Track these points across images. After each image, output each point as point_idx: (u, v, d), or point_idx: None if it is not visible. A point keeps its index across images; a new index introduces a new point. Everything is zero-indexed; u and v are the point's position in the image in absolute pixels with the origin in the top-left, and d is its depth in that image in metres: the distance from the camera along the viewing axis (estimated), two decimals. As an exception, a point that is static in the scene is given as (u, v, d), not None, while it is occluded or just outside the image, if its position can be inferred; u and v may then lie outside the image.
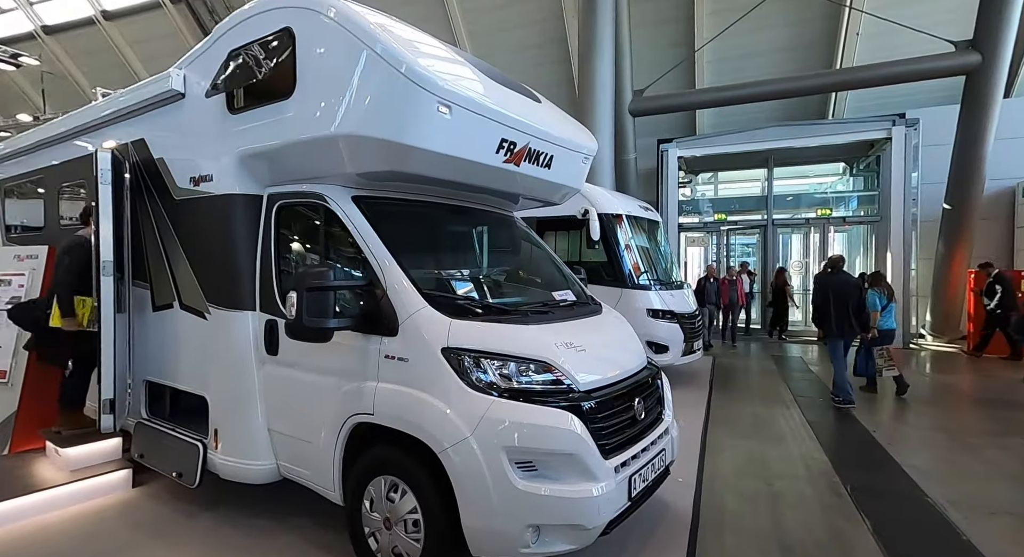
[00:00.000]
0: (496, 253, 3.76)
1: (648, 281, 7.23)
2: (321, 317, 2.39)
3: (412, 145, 2.52)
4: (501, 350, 2.49)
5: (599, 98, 10.08)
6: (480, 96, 2.75)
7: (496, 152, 2.95)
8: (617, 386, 2.80)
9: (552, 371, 2.54)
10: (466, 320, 2.56)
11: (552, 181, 3.54)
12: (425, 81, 2.46)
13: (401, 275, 2.60)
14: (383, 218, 2.91)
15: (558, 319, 3.03)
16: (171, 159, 3.43)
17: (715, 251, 13.91)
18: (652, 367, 3.38)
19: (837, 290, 6.29)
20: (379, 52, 2.42)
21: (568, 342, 2.72)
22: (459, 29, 14.39)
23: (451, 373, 2.40)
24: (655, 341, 6.90)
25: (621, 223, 7.26)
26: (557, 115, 3.70)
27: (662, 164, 12.58)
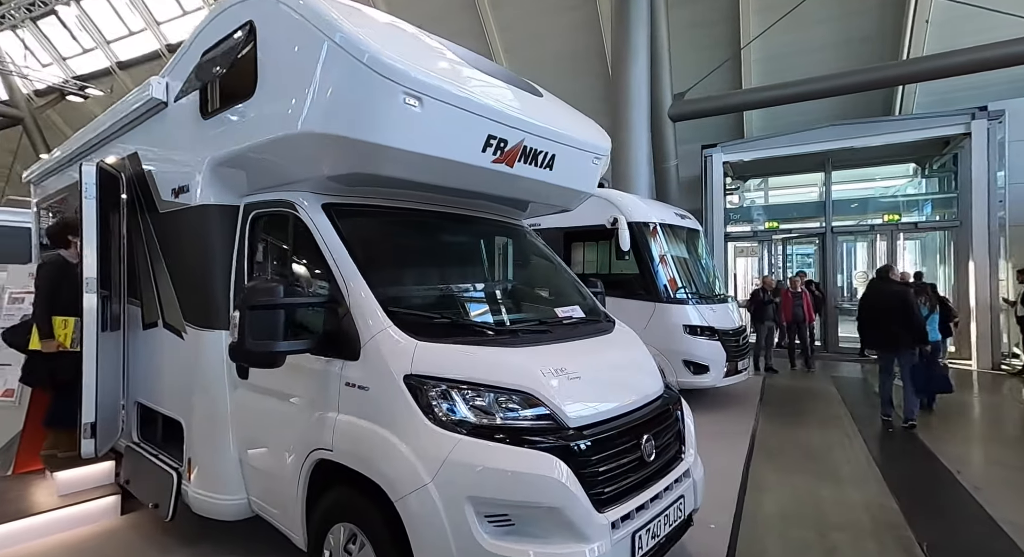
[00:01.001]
0: (494, 266, 3.41)
1: (685, 294, 6.65)
2: (269, 339, 2.11)
3: (375, 142, 2.23)
4: (473, 378, 2.12)
5: (634, 103, 9.62)
6: (459, 87, 2.43)
7: (483, 151, 2.61)
8: (619, 421, 2.36)
9: (535, 404, 2.15)
10: (436, 342, 2.21)
11: (556, 184, 3.15)
12: (389, 70, 2.16)
13: (365, 290, 2.29)
14: (357, 227, 2.63)
15: (554, 340, 2.63)
16: (157, 171, 3.33)
17: (767, 261, 12.96)
18: (670, 394, 2.90)
19: (879, 300, 5.99)
20: (339, 41, 2.15)
21: (560, 368, 2.32)
22: (495, 42, 14.31)
23: (412, 405, 2.05)
24: (693, 360, 6.30)
25: (654, 232, 6.74)
26: (561, 111, 3.32)
27: (706, 170, 11.88)
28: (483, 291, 3.10)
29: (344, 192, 2.66)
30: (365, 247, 2.56)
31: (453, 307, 2.74)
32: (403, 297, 2.58)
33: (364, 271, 2.35)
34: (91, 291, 3.15)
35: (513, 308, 3.11)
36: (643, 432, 2.45)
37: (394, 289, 2.55)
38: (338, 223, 2.52)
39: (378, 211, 2.77)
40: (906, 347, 5.85)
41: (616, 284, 6.64)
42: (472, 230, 3.28)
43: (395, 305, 2.35)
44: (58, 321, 3.42)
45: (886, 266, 6.38)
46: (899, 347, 5.88)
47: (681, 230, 7.35)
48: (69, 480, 3.48)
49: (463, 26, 14.12)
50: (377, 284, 2.37)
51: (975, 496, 4.01)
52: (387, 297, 2.35)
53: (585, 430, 2.20)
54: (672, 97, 11.64)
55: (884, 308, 5.90)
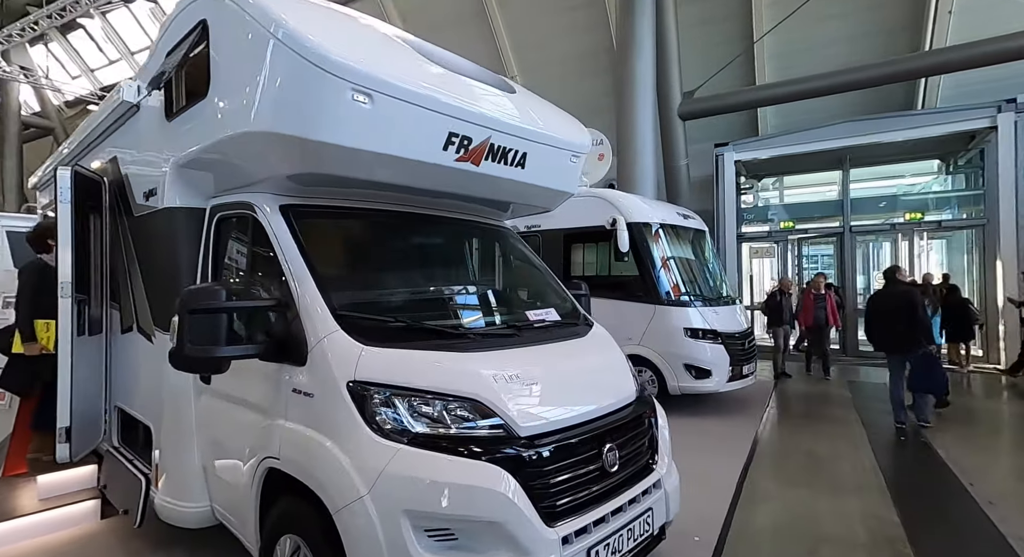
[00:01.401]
0: (467, 268, 3.33)
1: (687, 296, 6.46)
2: (210, 344, 2.06)
3: (323, 140, 2.17)
4: (418, 385, 2.04)
5: (639, 101, 9.46)
6: (415, 83, 2.35)
7: (444, 149, 2.52)
8: (578, 429, 2.25)
9: (484, 412, 2.06)
10: (384, 347, 2.14)
11: (530, 183, 3.06)
12: (335, 66, 2.10)
13: (314, 293, 2.23)
14: (315, 229, 2.58)
15: (518, 344, 2.53)
16: (131, 174, 3.35)
17: (783, 262, 12.59)
18: (644, 402, 2.78)
19: (886, 301, 5.89)
20: (281, 38, 2.10)
21: (516, 374, 2.23)
22: (504, 44, 14.25)
23: (354, 413, 1.98)
24: (695, 364, 6.12)
25: (655, 233, 6.57)
26: (535, 107, 3.23)
27: (718, 170, 11.61)
28: (449, 294, 3.02)
29: (304, 193, 2.61)
30: (321, 249, 2.51)
31: (412, 311, 2.67)
32: (357, 300, 2.51)
33: (317, 274, 2.30)
34: (66, 295, 3.17)
35: (480, 311, 3.03)
36: (605, 441, 2.34)
37: (348, 292, 2.49)
38: (295, 225, 2.47)
39: (339, 212, 2.71)
40: (914, 347, 5.65)
41: (616, 286, 6.53)
42: (443, 231, 3.21)
43: (347, 308, 2.29)
44: (40, 324, 3.46)
45: (893, 267, 6.24)
46: (907, 347, 5.71)
47: (685, 230, 7.17)
48: (51, 484, 3.51)
49: (472, 31, 14.12)
50: (330, 287, 2.31)
51: (987, 511, 3.76)
52: (339, 300, 2.29)
53: (538, 439, 2.10)
54: (682, 95, 11.42)
55: (891, 309, 5.76)
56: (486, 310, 3.06)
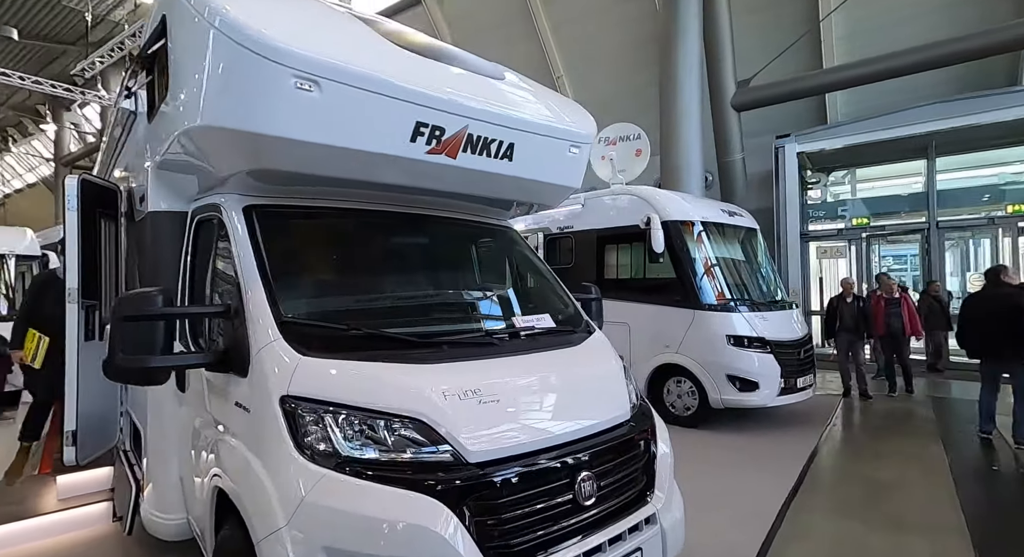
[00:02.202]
0: (451, 271, 3.10)
1: (731, 301, 5.89)
2: (146, 353, 1.96)
3: (268, 134, 2.02)
4: (354, 401, 1.84)
5: (682, 92, 8.91)
6: (371, 67, 2.14)
7: (412, 140, 2.31)
8: (545, 455, 1.97)
9: (428, 433, 1.82)
10: (326, 358, 1.95)
11: (520, 177, 2.78)
12: (275, 52, 1.94)
13: (260, 298, 2.09)
14: (277, 230, 2.44)
15: (492, 354, 2.28)
16: (132, 180, 3.41)
17: (858, 262, 11.42)
18: (640, 422, 2.43)
19: (984, 304, 5.27)
20: (219, 26, 1.98)
21: (475, 389, 1.97)
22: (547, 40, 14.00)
23: (283, 432, 1.80)
24: (739, 375, 5.55)
25: (694, 231, 6.05)
26: (527, 94, 2.96)
27: (778, 163, 10.71)
28: (424, 299, 2.80)
29: (273, 192, 2.49)
30: (285, 252, 2.38)
31: (377, 318, 2.47)
32: (314, 307, 2.36)
33: (268, 278, 2.15)
34: (73, 301, 3.26)
35: (457, 318, 2.78)
36: (581, 468, 2.03)
37: (304, 298, 2.34)
38: (255, 226, 2.35)
39: (308, 213, 2.57)
40: (1017, 359, 4.90)
41: (652, 290, 6.10)
42: (426, 231, 2.99)
43: (297, 316, 2.13)
44: (30, 335, 3.61)
45: (998, 266, 5.49)
46: (1007, 358, 5.00)
47: (731, 229, 6.57)
48: (69, 484, 3.64)
49: (517, 31, 13.99)
50: (284, 292, 2.16)
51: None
52: (291, 307, 2.14)
53: (491, 467, 1.83)
54: (736, 85, 10.66)
55: (989, 312, 5.09)
56: (465, 317, 2.81)
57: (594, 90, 13.93)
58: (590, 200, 6.80)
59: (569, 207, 6.94)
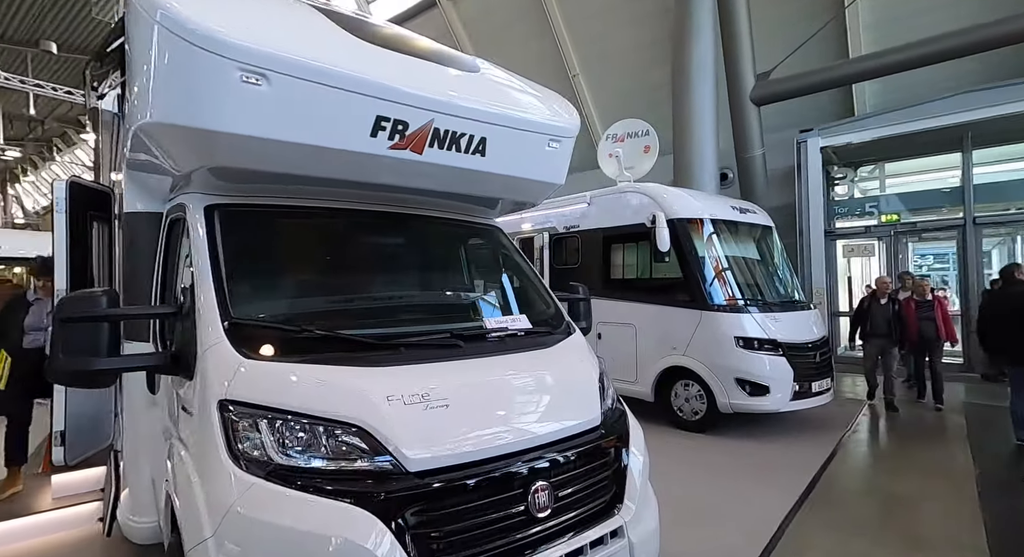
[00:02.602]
0: (421, 270, 3.02)
1: (741, 301, 5.65)
2: (89, 355, 1.93)
3: (212, 129, 1.97)
4: (291, 405, 1.77)
5: (695, 87, 8.64)
6: (324, 59, 2.07)
7: (372, 135, 2.24)
8: (495, 464, 1.86)
9: (367, 440, 1.74)
10: (269, 360, 1.90)
11: (494, 173, 2.68)
12: (218, 44, 1.88)
13: (211, 298, 2.05)
14: (238, 230, 2.41)
15: (452, 356, 2.18)
16: (115, 182, 3.45)
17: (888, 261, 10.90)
18: (610, 428, 2.31)
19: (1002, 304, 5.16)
20: (160, 20, 1.94)
21: (423, 393, 1.88)
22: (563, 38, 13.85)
23: (218, 437, 1.75)
24: (749, 379, 5.31)
25: (702, 229, 5.83)
26: (502, 86, 2.86)
27: (801, 159, 10.30)
28: (391, 300, 2.72)
29: (236, 191, 2.46)
30: (240, 251, 2.33)
31: (335, 319, 2.40)
32: (267, 307, 2.31)
33: (220, 277, 2.11)
34: (61, 301, 3.31)
35: (423, 319, 2.69)
36: (536, 478, 1.92)
37: (258, 298, 2.30)
38: (214, 225, 2.32)
39: (270, 211, 2.52)
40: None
41: (659, 290, 5.92)
42: (397, 230, 2.92)
43: (249, 316, 2.08)
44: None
45: (1012, 264, 5.32)
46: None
47: (743, 227, 6.32)
48: (64, 484, 3.70)
49: (532, 30, 13.88)
50: (236, 292, 2.12)
51: None
52: (242, 308, 2.10)
53: (432, 476, 1.75)
54: (755, 78, 10.29)
55: (1007, 312, 4.91)
56: (433, 318, 2.72)
57: (610, 88, 13.72)
58: (596, 198, 6.65)
59: (575, 206, 6.81)
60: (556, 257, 7.04)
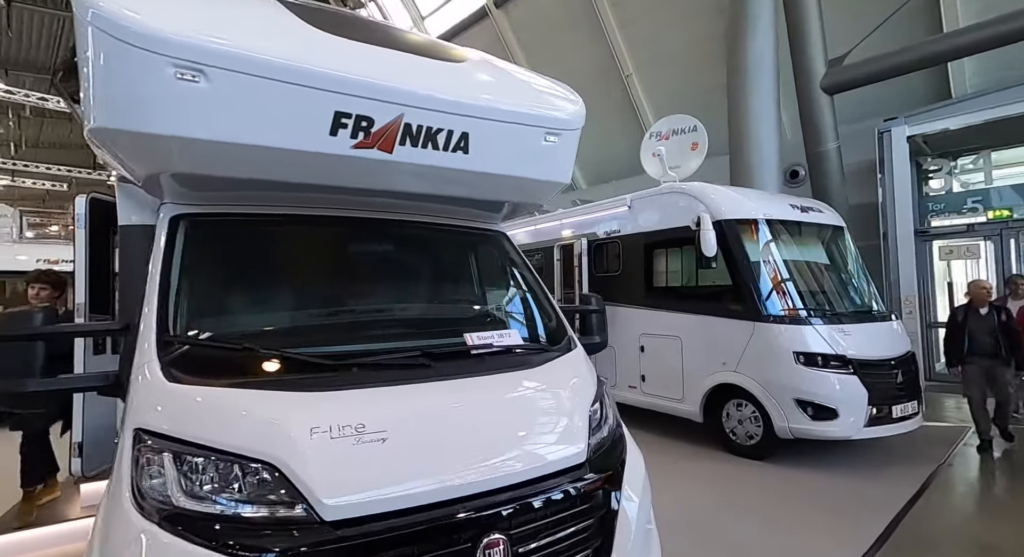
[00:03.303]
0: (410, 282, 2.79)
1: (801, 310, 4.97)
2: (22, 376, 1.81)
3: (151, 132, 1.85)
4: (205, 438, 1.57)
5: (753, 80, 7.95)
6: (270, 51, 1.89)
7: (332, 134, 2.04)
8: (433, 510, 1.57)
9: (279, 481, 1.51)
10: (197, 383, 1.72)
11: (479, 172, 2.42)
12: (148, 40, 1.74)
13: (152, 314, 1.93)
14: (207, 241, 2.31)
15: (409, 379, 1.93)
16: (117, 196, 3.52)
17: (999, 263, 9.43)
18: (599, 463, 1.95)
19: None
20: (91, 20, 1.80)
21: (356, 424, 1.63)
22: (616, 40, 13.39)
23: (126, 473, 1.57)
24: (812, 400, 4.63)
25: (754, 230, 5.22)
26: (486, 76, 2.60)
27: (883, 151, 9.19)
28: (360, 315, 2.49)
29: (205, 200, 2.36)
30: (200, 264, 2.23)
31: (285, 336, 2.19)
32: (218, 325, 2.15)
33: (165, 292, 2.00)
34: (81, 315, 3.41)
35: (392, 335, 2.43)
36: (490, 529, 1.60)
37: (210, 315, 2.15)
38: (175, 237, 2.23)
39: (239, 221, 2.39)
40: None
41: (706, 299, 5.37)
42: (380, 238, 2.71)
43: (187, 334, 1.95)
44: None
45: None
46: None
47: (806, 227, 5.61)
48: (93, 492, 3.80)
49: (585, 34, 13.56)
50: (185, 308, 2.01)
51: None
52: (188, 323, 1.97)
53: (352, 526, 1.48)
54: (826, 64, 9.33)
55: None
56: (406, 334, 2.45)
57: (664, 87, 13.10)
58: (637, 201, 6.19)
59: (615, 209, 6.39)
60: (596, 264, 6.63)
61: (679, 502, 3.87)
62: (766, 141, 7.81)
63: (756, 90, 7.95)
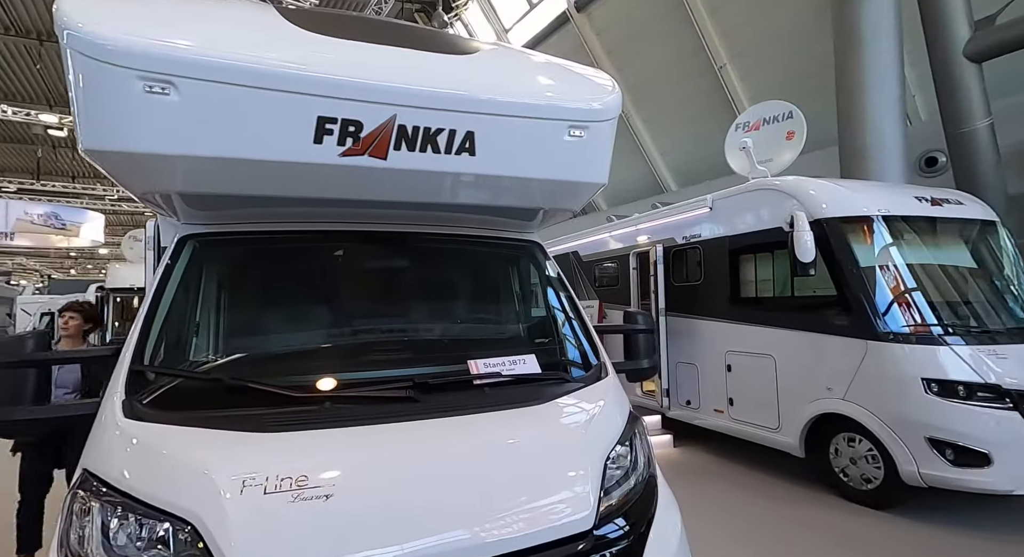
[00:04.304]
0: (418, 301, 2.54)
1: (934, 326, 3.99)
2: (11, 404, 1.77)
3: (130, 151, 1.78)
4: (133, 488, 1.41)
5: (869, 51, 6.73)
6: (241, 56, 1.74)
7: (317, 141, 1.87)
8: None
9: (194, 544, 1.31)
10: (146, 419, 1.58)
11: (489, 174, 2.13)
12: (115, 54, 1.67)
13: (132, 340, 1.86)
14: (208, 261, 2.26)
15: (385, 417, 1.67)
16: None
17: None
18: (613, 532, 1.53)
19: None
20: (67, 41, 1.73)
21: (297, 476, 1.39)
22: (707, 29, 12.43)
23: (60, 530, 1.44)
24: (951, 441, 3.66)
25: (865, 230, 4.31)
26: (497, 67, 2.29)
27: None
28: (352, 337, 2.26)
29: (213, 219, 2.31)
30: (195, 286, 2.17)
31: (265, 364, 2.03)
32: (191, 351, 2.04)
33: (151, 315, 1.94)
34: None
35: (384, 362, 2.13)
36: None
37: (187, 340, 2.06)
38: (178, 257, 2.19)
39: (237, 239, 2.28)
40: None
41: (805, 311, 4.57)
42: (387, 254, 2.49)
43: (162, 361, 1.85)
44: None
45: None
46: None
47: (939, 224, 4.55)
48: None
49: (673, 26, 12.75)
50: (167, 333, 1.95)
51: None
52: (165, 349, 1.89)
53: None
54: (971, 27, 7.78)
55: None
56: (395, 360, 2.15)
57: (764, 75, 11.88)
58: (719, 201, 5.47)
59: (695, 212, 5.71)
60: (675, 273, 5.97)
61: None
62: (886, 123, 6.60)
63: (872, 62, 6.77)
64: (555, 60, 2.59)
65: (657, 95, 14.06)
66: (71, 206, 19.11)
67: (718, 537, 3.70)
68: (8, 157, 20.51)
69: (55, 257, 31.40)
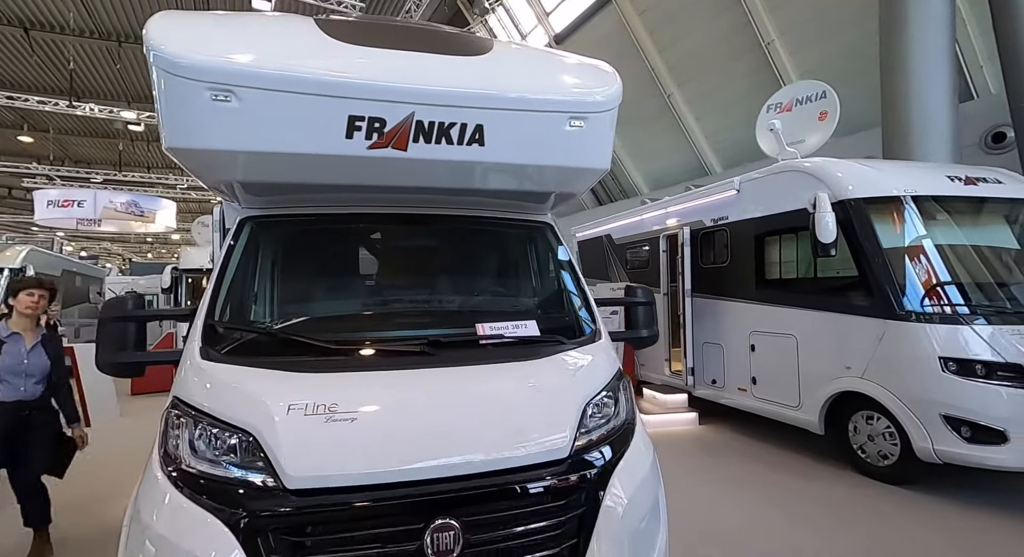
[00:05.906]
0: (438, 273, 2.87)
1: (954, 306, 3.98)
2: (119, 351, 2.27)
3: (200, 148, 2.20)
4: (208, 408, 1.83)
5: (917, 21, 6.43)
6: (286, 67, 2.11)
7: (348, 137, 2.23)
8: (388, 491, 1.65)
9: (255, 449, 1.71)
10: (218, 361, 2.01)
11: (498, 162, 2.44)
12: (187, 69, 2.07)
13: (207, 300, 2.30)
14: (265, 239, 2.68)
15: (401, 366, 2.05)
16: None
17: None
18: (577, 467, 1.84)
19: None
20: (153, 60, 2.14)
21: (329, 404, 1.77)
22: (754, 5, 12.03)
23: (159, 433, 1.90)
24: (966, 418, 3.70)
25: (890, 211, 4.30)
26: (505, 66, 2.56)
27: None
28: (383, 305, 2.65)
29: (267, 204, 2.74)
30: (255, 259, 2.59)
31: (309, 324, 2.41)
32: (251, 311, 2.46)
33: (221, 281, 2.38)
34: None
35: (406, 324, 2.51)
36: (434, 514, 1.63)
37: (247, 303, 2.48)
38: (240, 234, 2.62)
39: (290, 220, 2.72)
40: None
41: (826, 292, 4.63)
42: (413, 232, 2.85)
43: (227, 318, 2.28)
44: None
45: None
46: None
47: (971, 203, 4.45)
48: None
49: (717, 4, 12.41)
50: (232, 297, 2.37)
51: None
52: (230, 310, 2.31)
53: (311, 496, 1.63)
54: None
55: None
56: (419, 323, 2.51)
57: (811, 55, 11.41)
58: (746, 183, 5.51)
59: (723, 194, 5.77)
60: (703, 255, 6.07)
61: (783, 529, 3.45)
62: (934, 102, 6.33)
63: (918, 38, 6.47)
64: (562, 55, 2.84)
65: (701, 75, 13.72)
66: (148, 194, 20.85)
67: (738, 505, 3.92)
68: (94, 150, 22.55)
69: (134, 242, 34.27)
